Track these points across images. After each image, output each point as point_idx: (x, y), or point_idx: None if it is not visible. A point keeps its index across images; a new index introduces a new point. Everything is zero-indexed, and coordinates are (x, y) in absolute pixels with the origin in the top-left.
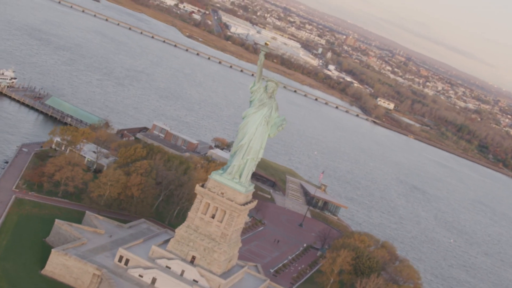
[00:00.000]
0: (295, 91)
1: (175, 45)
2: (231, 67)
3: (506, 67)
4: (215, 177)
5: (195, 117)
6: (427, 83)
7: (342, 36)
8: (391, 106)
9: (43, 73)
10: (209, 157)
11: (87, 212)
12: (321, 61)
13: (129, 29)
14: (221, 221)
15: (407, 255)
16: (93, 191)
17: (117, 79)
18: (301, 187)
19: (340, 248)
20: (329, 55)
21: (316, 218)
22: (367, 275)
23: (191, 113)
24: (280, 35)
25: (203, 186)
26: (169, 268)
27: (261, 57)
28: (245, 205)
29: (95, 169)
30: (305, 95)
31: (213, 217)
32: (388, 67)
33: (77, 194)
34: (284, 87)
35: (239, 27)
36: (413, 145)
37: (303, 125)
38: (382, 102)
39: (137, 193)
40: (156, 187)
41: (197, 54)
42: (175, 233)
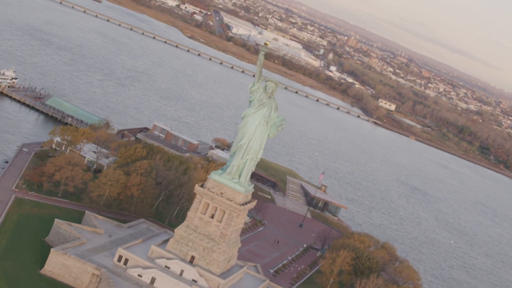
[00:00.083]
0: (297, 92)
1: (176, 46)
2: (232, 68)
3: (508, 69)
4: (215, 177)
5: (195, 117)
6: (429, 85)
7: (343, 37)
8: (393, 107)
9: (44, 73)
10: (209, 157)
11: (86, 212)
12: (322, 62)
13: (131, 29)
14: (220, 221)
15: (408, 256)
16: (93, 191)
17: (118, 80)
18: (302, 187)
19: (339, 248)
20: (331, 56)
21: (316, 218)
22: (367, 276)
23: (191, 113)
24: (281, 36)
25: (202, 186)
26: (168, 268)
27: (261, 57)
28: (244, 205)
29: (95, 169)
30: (306, 96)
31: (212, 217)
32: (389, 68)
33: (77, 194)
34: (285, 88)
35: (240, 28)
36: (414, 146)
37: (304, 126)
38: (383, 103)
39: (137, 193)
40: (156, 187)
41: (199, 54)
42: (175, 233)
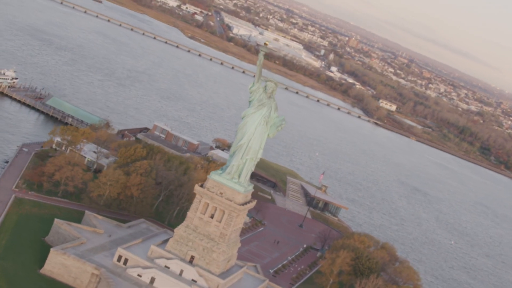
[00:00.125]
0: (297, 93)
1: (177, 46)
2: (233, 68)
3: (509, 70)
4: (214, 177)
5: (196, 118)
6: (430, 85)
7: (344, 37)
8: (393, 107)
9: (45, 74)
10: (210, 157)
11: (86, 211)
12: (323, 62)
13: (131, 30)
14: (220, 221)
15: (408, 256)
16: (92, 191)
17: (118, 80)
18: (302, 188)
19: (339, 249)
20: (332, 56)
21: (316, 219)
22: (367, 276)
23: (192, 113)
24: (282, 36)
25: (202, 186)
26: (168, 268)
27: (261, 57)
28: (244, 205)
29: (95, 169)
30: (307, 97)
31: (212, 217)
32: (390, 69)
33: (77, 194)
34: (286, 89)
35: (241, 29)
36: (415, 146)
37: (304, 126)
38: (384, 103)
39: (137, 193)
40: (156, 187)
41: (199, 55)
42: (174, 233)
